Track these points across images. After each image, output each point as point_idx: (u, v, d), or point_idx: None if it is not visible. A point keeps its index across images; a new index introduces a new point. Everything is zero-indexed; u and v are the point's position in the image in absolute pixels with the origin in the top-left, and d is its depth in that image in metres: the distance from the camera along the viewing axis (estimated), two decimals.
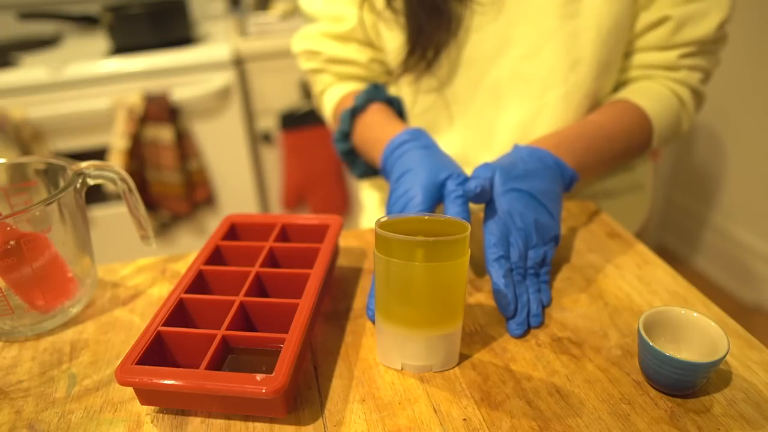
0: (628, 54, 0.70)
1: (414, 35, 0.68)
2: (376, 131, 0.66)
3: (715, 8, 0.63)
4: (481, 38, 0.68)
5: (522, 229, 0.53)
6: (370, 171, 0.75)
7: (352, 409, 0.42)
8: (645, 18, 0.65)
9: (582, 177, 0.61)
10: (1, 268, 0.49)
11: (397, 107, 0.72)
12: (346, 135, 0.71)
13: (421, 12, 0.67)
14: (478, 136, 0.73)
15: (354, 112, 0.69)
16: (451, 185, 0.54)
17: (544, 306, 0.53)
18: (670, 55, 0.67)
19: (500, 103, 0.71)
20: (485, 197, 0.53)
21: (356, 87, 0.77)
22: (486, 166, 0.55)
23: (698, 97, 0.71)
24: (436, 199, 0.55)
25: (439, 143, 0.68)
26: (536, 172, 0.56)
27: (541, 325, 0.51)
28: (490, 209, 0.55)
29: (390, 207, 0.57)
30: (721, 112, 1.62)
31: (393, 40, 0.70)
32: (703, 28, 0.64)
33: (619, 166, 0.76)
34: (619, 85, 0.72)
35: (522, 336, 0.49)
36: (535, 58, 0.67)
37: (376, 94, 0.70)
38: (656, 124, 0.66)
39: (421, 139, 0.60)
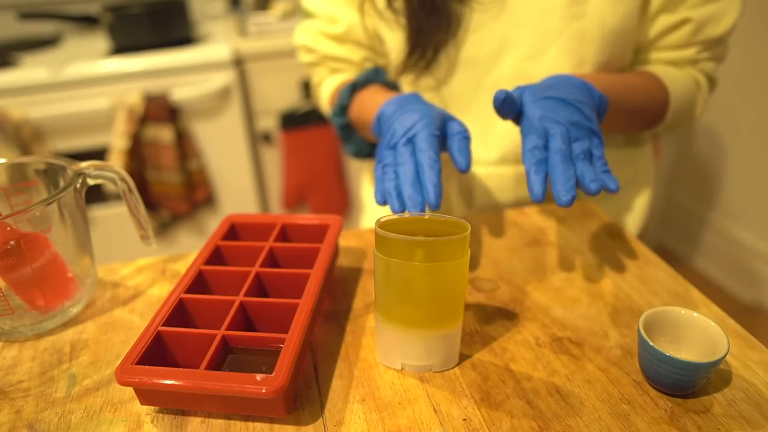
0: (644, 51, 0.71)
1: (414, 35, 0.68)
2: (375, 101, 0.65)
3: (731, 8, 0.66)
4: (481, 37, 0.68)
5: (561, 123, 0.50)
6: (364, 148, 0.75)
7: (352, 409, 0.42)
8: (665, 20, 0.67)
9: (607, 116, 0.60)
10: (1, 268, 0.49)
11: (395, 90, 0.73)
12: (344, 108, 0.72)
13: (420, 12, 0.67)
14: (478, 135, 0.73)
15: (354, 87, 0.71)
16: (456, 126, 0.54)
17: (612, 190, 0.47)
18: (690, 52, 0.69)
19: None
20: (512, 107, 0.52)
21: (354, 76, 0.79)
22: (515, 88, 0.55)
23: (712, 82, 0.74)
24: (442, 132, 0.54)
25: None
26: (564, 86, 0.55)
27: (599, 190, 0.46)
28: (525, 121, 0.53)
29: (388, 141, 0.55)
30: (721, 111, 1.62)
31: (394, 40, 0.71)
32: (721, 27, 0.66)
33: (632, 129, 0.75)
34: None
35: (569, 203, 0.46)
36: (539, 58, 0.67)
37: (376, 76, 0.71)
38: (672, 94, 0.67)
39: (422, 99, 0.60)
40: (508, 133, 0.71)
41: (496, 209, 0.74)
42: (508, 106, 0.52)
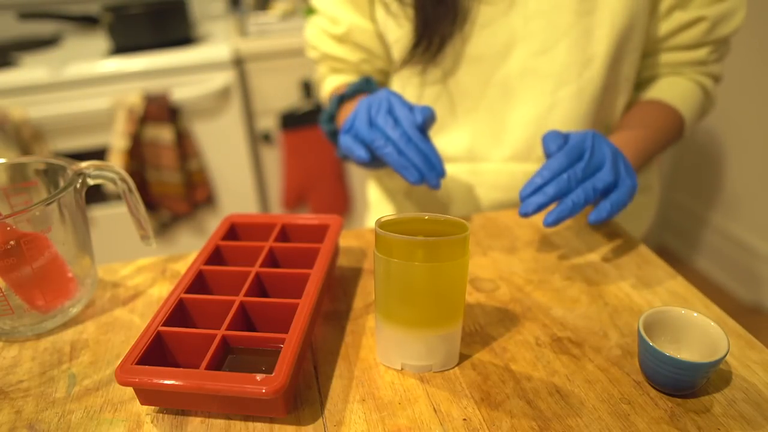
0: (655, 52, 0.72)
1: (420, 26, 0.69)
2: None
3: (740, 6, 0.67)
4: (490, 33, 0.68)
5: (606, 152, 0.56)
6: None
7: (352, 409, 0.42)
8: (679, 18, 0.67)
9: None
10: (1, 268, 0.49)
11: None
12: (331, 117, 0.77)
13: (428, 4, 0.67)
14: (489, 132, 0.73)
15: (342, 99, 0.75)
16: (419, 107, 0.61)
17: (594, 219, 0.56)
18: (701, 53, 0.70)
19: (511, 99, 0.71)
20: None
21: (352, 78, 0.82)
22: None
23: (717, 80, 0.75)
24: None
25: (447, 138, 0.75)
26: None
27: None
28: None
29: (364, 114, 0.61)
30: (721, 112, 1.62)
31: (401, 32, 0.71)
32: (732, 25, 0.68)
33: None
34: (646, 81, 0.75)
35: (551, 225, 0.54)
36: (549, 54, 0.68)
37: (366, 86, 0.75)
38: (687, 117, 0.70)
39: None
40: (518, 130, 0.71)
41: (505, 207, 0.74)
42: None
